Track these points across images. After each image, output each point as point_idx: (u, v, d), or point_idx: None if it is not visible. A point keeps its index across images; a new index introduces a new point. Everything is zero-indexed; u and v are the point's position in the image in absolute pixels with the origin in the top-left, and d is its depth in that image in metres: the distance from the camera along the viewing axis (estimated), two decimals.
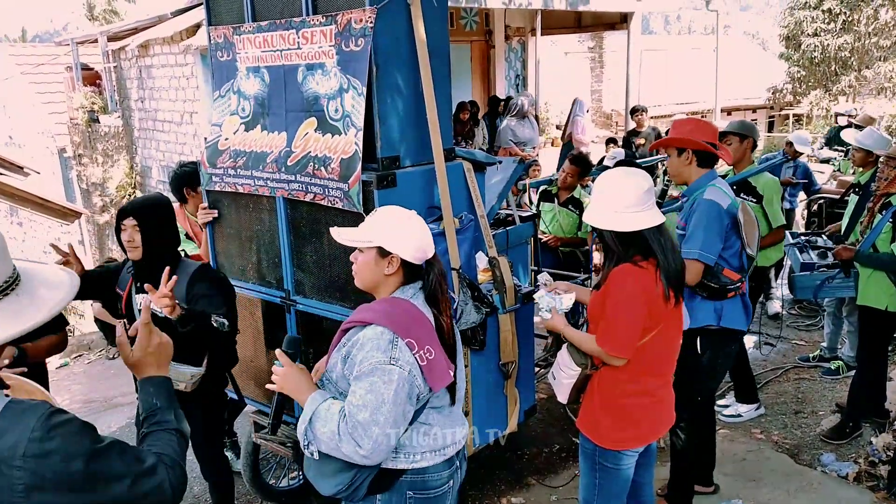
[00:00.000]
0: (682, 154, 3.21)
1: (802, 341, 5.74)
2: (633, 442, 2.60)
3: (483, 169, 3.33)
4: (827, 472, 3.85)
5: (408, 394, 1.99)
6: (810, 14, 16.73)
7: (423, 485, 2.14)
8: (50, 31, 45.77)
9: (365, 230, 2.13)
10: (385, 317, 2.03)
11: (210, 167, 3.38)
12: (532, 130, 9.02)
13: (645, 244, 2.45)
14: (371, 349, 1.98)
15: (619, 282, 2.46)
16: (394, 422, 1.97)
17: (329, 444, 1.98)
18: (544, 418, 4.46)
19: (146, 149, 12.24)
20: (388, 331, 2.00)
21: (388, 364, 1.96)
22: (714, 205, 3.10)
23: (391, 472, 2.11)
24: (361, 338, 2.03)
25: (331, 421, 1.97)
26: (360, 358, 2.00)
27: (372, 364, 1.96)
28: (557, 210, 5.26)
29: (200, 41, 9.37)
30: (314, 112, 2.99)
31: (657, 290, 2.43)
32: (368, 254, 2.11)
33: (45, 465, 1.37)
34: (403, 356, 1.99)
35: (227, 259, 3.51)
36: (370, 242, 2.09)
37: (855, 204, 4.72)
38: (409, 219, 2.16)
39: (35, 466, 1.36)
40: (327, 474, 2.09)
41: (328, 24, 2.85)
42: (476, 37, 12.84)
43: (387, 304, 2.11)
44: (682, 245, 3.11)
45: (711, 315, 3.23)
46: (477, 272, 3.19)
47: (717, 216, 3.08)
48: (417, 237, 2.13)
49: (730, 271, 3.16)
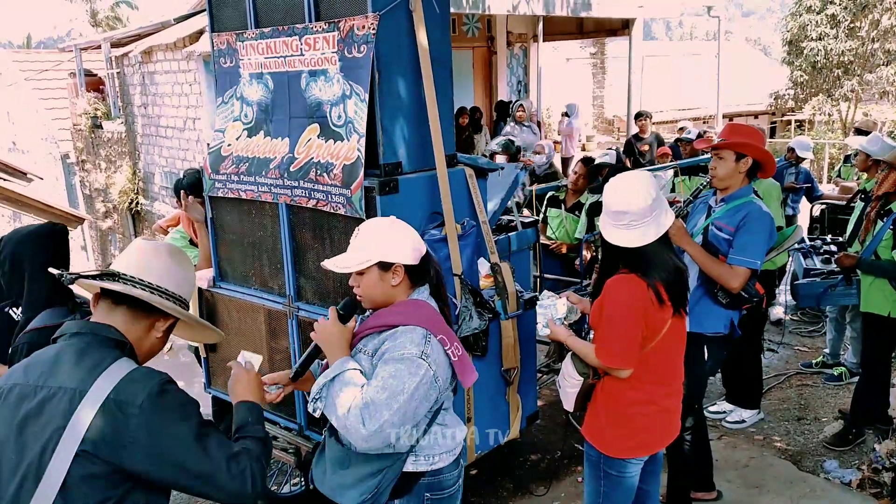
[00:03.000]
0: (742, 160, 3.13)
1: (805, 347, 5.73)
2: (637, 450, 2.59)
3: (485, 175, 3.34)
4: (830, 478, 3.84)
5: (425, 395, 1.99)
6: (813, 18, 16.74)
7: (439, 486, 2.18)
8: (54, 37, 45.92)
9: (359, 251, 2.10)
10: (413, 317, 2.06)
11: (213, 173, 3.39)
12: (533, 135, 9.04)
13: (638, 257, 2.43)
14: (405, 341, 2.00)
15: (613, 293, 2.45)
16: (403, 415, 1.95)
17: (337, 410, 1.94)
18: (546, 425, 4.45)
19: (149, 154, 12.28)
20: (420, 328, 2.03)
21: (419, 358, 1.98)
22: (772, 219, 3.12)
23: (411, 475, 2.12)
24: (395, 332, 2.04)
25: (350, 388, 1.96)
26: (391, 346, 2.01)
27: (403, 354, 1.98)
28: (564, 216, 5.26)
29: (203, 47, 9.41)
30: (317, 118, 3.00)
31: (650, 298, 2.41)
32: (370, 274, 2.09)
33: (155, 420, 1.60)
34: (435, 353, 2.01)
35: (230, 265, 3.51)
36: (368, 261, 2.07)
37: (861, 210, 4.72)
38: (394, 224, 2.16)
39: (147, 418, 1.59)
40: (348, 485, 2.08)
41: (331, 30, 2.86)
42: (478, 43, 12.88)
43: (411, 305, 2.11)
44: (732, 250, 3.09)
45: (724, 323, 3.22)
46: (479, 278, 3.19)
47: (772, 230, 3.11)
48: (409, 238, 2.15)
49: (759, 284, 3.16)
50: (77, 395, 1.60)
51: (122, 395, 1.60)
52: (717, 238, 3.18)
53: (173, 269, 1.86)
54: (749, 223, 3.08)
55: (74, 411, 1.58)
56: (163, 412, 1.62)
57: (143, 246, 1.88)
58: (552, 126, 14.00)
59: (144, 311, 1.80)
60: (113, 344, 1.73)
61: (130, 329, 1.78)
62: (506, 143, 5.80)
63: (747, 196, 3.17)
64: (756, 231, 3.07)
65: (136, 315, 1.79)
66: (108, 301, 1.79)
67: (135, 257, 1.84)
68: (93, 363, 1.65)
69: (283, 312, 3.23)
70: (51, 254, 2.46)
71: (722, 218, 3.18)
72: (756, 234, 3.07)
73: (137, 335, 1.80)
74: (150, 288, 1.78)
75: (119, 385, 1.61)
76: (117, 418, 1.58)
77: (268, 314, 3.32)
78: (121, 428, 1.58)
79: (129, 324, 1.78)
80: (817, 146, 15.70)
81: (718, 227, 3.19)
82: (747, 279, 3.06)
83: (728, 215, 3.16)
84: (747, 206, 3.13)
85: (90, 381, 1.61)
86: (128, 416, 1.59)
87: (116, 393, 1.60)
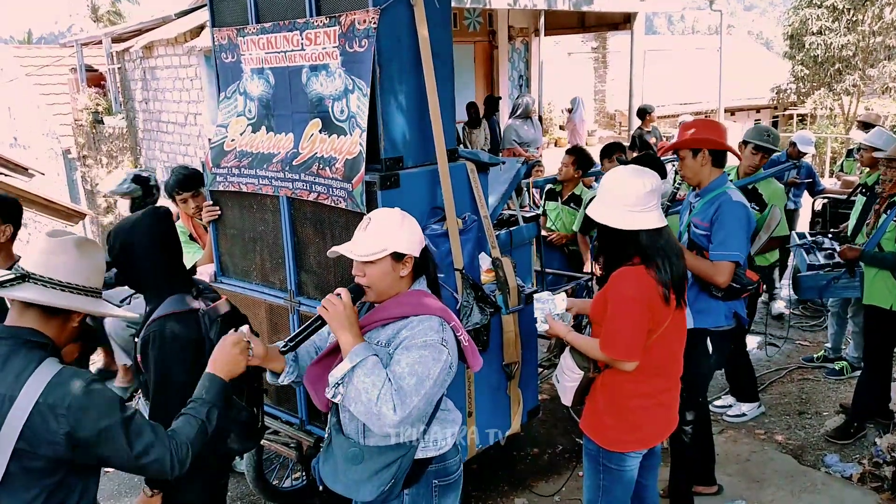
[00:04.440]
0: (698, 155, 3.20)
1: (806, 342, 5.73)
2: (636, 444, 2.60)
3: (486, 169, 3.33)
4: (831, 472, 3.85)
5: (443, 381, 2.01)
6: (815, 12, 16.67)
7: (444, 472, 2.21)
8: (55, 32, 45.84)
9: (374, 240, 2.06)
10: (426, 307, 2.07)
11: (215, 167, 3.39)
12: (536, 131, 9.01)
13: (643, 246, 2.43)
14: (425, 328, 2.01)
15: (618, 285, 2.45)
16: (429, 401, 1.97)
17: (363, 397, 1.90)
18: (547, 419, 4.46)
19: (150, 150, 12.28)
20: (435, 316, 2.05)
21: (441, 344, 2.00)
22: (744, 206, 3.13)
23: (421, 462, 2.14)
24: (411, 321, 2.04)
25: (377, 375, 1.91)
26: (410, 334, 2.01)
27: (425, 340, 1.99)
28: (561, 208, 5.27)
29: (204, 42, 9.40)
30: (319, 113, 2.99)
31: (657, 292, 2.42)
32: (383, 264, 2.06)
33: (82, 418, 1.74)
34: (451, 339, 2.05)
35: (231, 259, 3.52)
36: (384, 251, 2.05)
37: (862, 205, 4.71)
38: (404, 216, 2.16)
39: (75, 417, 1.73)
40: (363, 479, 2.08)
41: (332, 25, 2.86)
42: (479, 37, 12.84)
43: (418, 296, 2.12)
44: (712, 246, 3.11)
45: (725, 316, 3.23)
46: (480, 273, 3.19)
47: (747, 217, 3.13)
48: (418, 231, 2.16)
49: (750, 272, 3.17)
50: (7, 400, 1.73)
51: (50, 397, 1.73)
52: (697, 235, 3.22)
53: (81, 263, 1.92)
54: (721, 216, 3.11)
55: (6, 416, 1.73)
56: (89, 410, 1.75)
57: (49, 243, 1.92)
58: (553, 121, 13.98)
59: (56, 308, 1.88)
60: (35, 346, 1.83)
61: (47, 327, 1.87)
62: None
63: (720, 188, 3.20)
64: (729, 223, 3.09)
65: (49, 313, 1.87)
66: (18, 303, 1.87)
67: (42, 256, 1.89)
68: (19, 368, 1.77)
69: (284, 307, 3.24)
70: (159, 238, 2.41)
71: (698, 214, 3.23)
72: (730, 226, 3.09)
73: (55, 332, 1.89)
74: (59, 286, 1.86)
75: (47, 388, 1.74)
76: (48, 419, 1.72)
77: (269, 309, 3.33)
78: (52, 428, 1.73)
79: (45, 322, 1.87)
80: (819, 140, 15.68)
81: (696, 224, 3.24)
82: (732, 272, 3.08)
83: (703, 210, 3.21)
84: (719, 199, 3.16)
85: (18, 386, 1.74)
86: (58, 416, 1.73)
87: (45, 396, 1.73)
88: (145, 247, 2.36)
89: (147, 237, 2.37)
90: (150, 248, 2.37)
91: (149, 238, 2.37)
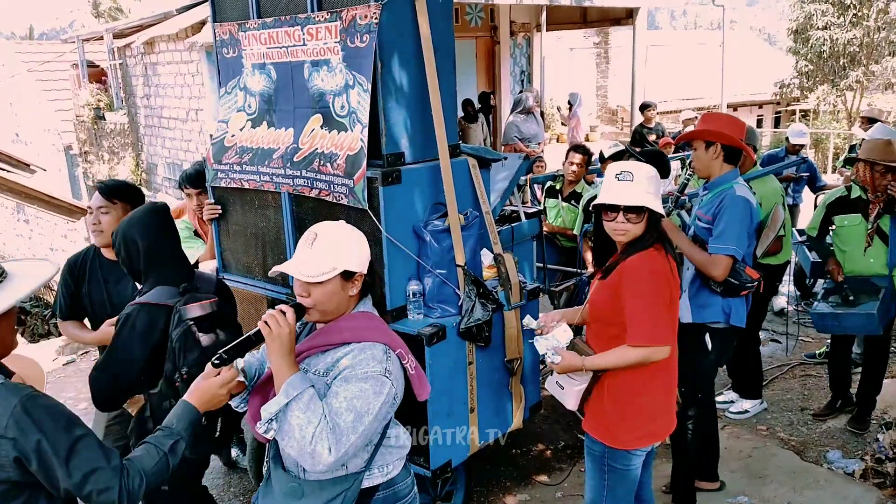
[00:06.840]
0: (711, 147, 3.18)
1: (808, 338, 5.72)
2: (647, 439, 2.56)
3: (488, 165, 3.33)
4: (833, 469, 3.84)
5: (385, 415, 1.88)
6: (820, 7, 16.62)
7: (394, 497, 2.05)
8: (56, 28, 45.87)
9: (324, 258, 1.91)
10: (370, 333, 1.93)
11: (216, 163, 3.38)
12: (537, 126, 9.00)
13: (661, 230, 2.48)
14: (366, 358, 1.87)
15: (637, 271, 2.39)
16: (367, 438, 1.86)
17: (296, 434, 1.77)
18: (549, 415, 4.46)
19: (152, 146, 12.28)
20: (379, 344, 1.91)
21: (383, 376, 1.86)
22: (747, 202, 3.12)
23: (367, 491, 1.99)
24: (352, 349, 1.90)
25: (312, 412, 1.78)
26: (350, 364, 1.87)
27: (366, 372, 1.85)
28: (561, 205, 5.26)
29: (206, 38, 9.39)
30: (319, 108, 2.99)
31: (669, 266, 2.44)
32: (331, 283, 1.91)
33: (23, 441, 1.59)
34: (395, 368, 1.91)
35: (233, 256, 3.52)
36: (334, 270, 1.90)
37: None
38: (353, 230, 2.03)
39: (14, 442, 1.59)
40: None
41: (333, 20, 2.85)
42: (481, 32, 12.82)
43: (362, 319, 1.98)
44: (710, 238, 3.11)
45: (721, 312, 3.22)
46: (482, 269, 3.19)
47: (749, 213, 3.11)
48: (366, 246, 2.02)
49: (751, 270, 3.16)
50: None
51: None
52: (699, 228, 3.22)
53: None
54: (722, 211, 3.11)
55: None
56: (29, 433, 1.61)
57: None
58: (555, 116, 13.95)
59: None
60: None
61: None
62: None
63: (727, 182, 3.19)
64: (728, 217, 3.08)
65: None
66: None
67: None
68: None
69: (286, 303, 3.23)
70: (152, 229, 2.55)
71: (703, 207, 3.23)
72: (729, 220, 3.08)
73: None
74: None
75: None
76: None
77: (271, 305, 3.33)
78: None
79: None
80: (822, 136, 15.64)
81: (700, 217, 3.24)
82: (728, 267, 3.06)
83: (708, 204, 3.20)
84: (724, 193, 3.15)
85: None
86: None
87: None
88: (138, 237, 2.51)
89: (139, 228, 2.52)
90: (143, 238, 2.51)
91: (141, 228, 2.52)
